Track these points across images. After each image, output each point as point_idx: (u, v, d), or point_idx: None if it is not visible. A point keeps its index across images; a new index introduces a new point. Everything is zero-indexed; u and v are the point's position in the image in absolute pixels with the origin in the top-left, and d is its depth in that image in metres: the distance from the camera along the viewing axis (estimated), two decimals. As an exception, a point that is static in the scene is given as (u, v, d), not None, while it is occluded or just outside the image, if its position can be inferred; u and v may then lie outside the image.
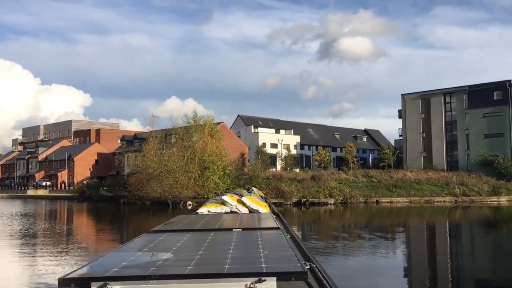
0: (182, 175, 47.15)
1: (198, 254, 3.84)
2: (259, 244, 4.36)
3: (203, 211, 8.97)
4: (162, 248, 4.32)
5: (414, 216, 40.03)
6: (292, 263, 3.33)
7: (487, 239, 24.99)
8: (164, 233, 5.39)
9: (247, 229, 5.62)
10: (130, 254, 3.92)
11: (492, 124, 63.70)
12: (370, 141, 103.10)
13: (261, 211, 8.99)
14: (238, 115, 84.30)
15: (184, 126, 52.77)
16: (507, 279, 14.18)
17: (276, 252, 3.92)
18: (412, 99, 72.38)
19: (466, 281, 14.58)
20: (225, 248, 4.14)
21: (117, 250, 4.30)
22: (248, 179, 48.83)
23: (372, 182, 53.08)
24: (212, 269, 3.28)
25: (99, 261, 3.67)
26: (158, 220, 39.43)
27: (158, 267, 3.32)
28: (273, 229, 5.64)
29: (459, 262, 17.78)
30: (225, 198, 9.50)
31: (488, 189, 51.54)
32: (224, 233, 5.30)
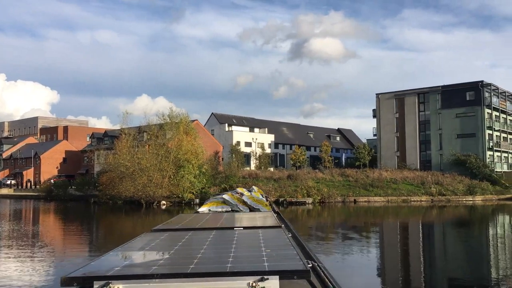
0: (156, 174, 45.59)
1: (200, 253, 3.83)
2: (261, 242, 4.35)
3: (204, 210, 8.90)
4: (164, 247, 4.32)
5: (391, 216, 39.78)
6: (294, 262, 3.32)
7: (462, 238, 25.16)
8: (165, 232, 5.36)
9: (249, 228, 5.59)
10: (132, 253, 3.95)
11: (465, 124, 64.48)
12: (343, 140, 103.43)
13: (262, 209, 8.93)
14: (212, 113, 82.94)
15: (159, 124, 51.12)
16: (478, 278, 14.41)
17: (278, 250, 3.89)
18: (386, 99, 72.70)
19: (438, 279, 14.58)
20: (227, 247, 4.14)
21: (119, 249, 4.23)
22: (225, 178, 47.71)
23: (349, 181, 52.77)
24: (214, 268, 3.25)
25: (101, 260, 3.67)
26: (131, 221, 38.18)
27: (160, 266, 3.33)
28: (274, 227, 5.60)
29: (432, 261, 17.87)
30: (226, 197, 9.50)
31: (463, 189, 51.97)
32: (226, 232, 5.27)
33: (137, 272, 3.16)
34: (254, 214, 8.01)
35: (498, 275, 14.91)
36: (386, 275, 15.22)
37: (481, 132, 63.41)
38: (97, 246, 22.87)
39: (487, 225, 32.61)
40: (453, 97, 65.78)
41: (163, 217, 39.87)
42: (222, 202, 9.44)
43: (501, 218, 37.58)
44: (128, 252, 4.07)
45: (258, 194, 11.37)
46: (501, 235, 26.27)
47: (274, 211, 9.07)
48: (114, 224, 35.68)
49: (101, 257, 3.79)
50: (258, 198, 10.27)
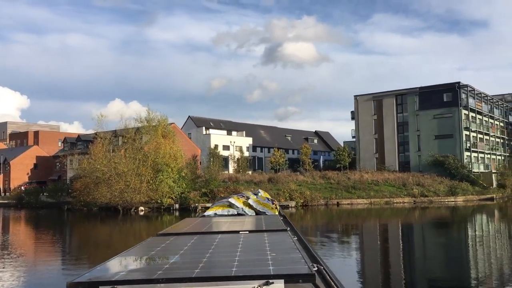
0: (133, 179, 43.92)
1: (205, 257, 3.82)
2: (266, 246, 4.32)
3: (209, 214, 8.87)
4: (169, 251, 4.29)
5: (376, 218, 39.34)
6: (299, 265, 3.32)
7: (446, 239, 25.34)
8: (171, 236, 5.32)
9: (254, 232, 5.57)
10: (138, 258, 3.96)
11: (442, 125, 64.87)
12: (320, 143, 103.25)
13: (268, 213, 8.82)
14: (189, 116, 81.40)
15: (136, 127, 49.38)
16: (458, 280, 14.59)
17: (283, 254, 3.88)
18: (364, 101, 72.69)
19: (421, 280, 14.81)
20: (232, 250, 4.12)
21: (124, 253, 4.19)
22: (205, 182, 46.37)
23: (331, 183, 52.18)
24: (219, 272, 3.25)
25: (107, 265, 3.64)
26: (107, 228, 36.53)
27: (165, 271, 3.30)
28: (280, 231, 5.55)
29: (414, 262, 18.03)
30: (231, 200, 9.29)
31: (444, 190, 52.00)
32: (231, 236, 5.25)
33: (143, 276, 3.17)
34: (260, 217, 7.84)
35: (478, 275, 15.22)
36: (365, 277, 15.26)
37: (458, 133, 63.89)
38: (71, 257, 21.47)
39: (469, 226, 32.70)
40: (430, 99, 66.17)
41: (141, 224, 38.44)
42: (228, 205, 9.19)
43: (483, 218, 37.67)
44: (133, 256, 4.06)
45: (264, 197, 10.95)
46: (483, 235, 26.56)
47: (280, 215, 8.91)
48: (90, 232, 34.04)
49: (106, 262, 3.74)
50: (264, 201, 9.91)
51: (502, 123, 78.33)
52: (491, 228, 30.69)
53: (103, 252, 22.98)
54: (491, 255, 19.16)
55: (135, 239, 29.81)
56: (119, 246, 25.55)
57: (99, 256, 21.47)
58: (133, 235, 31.83)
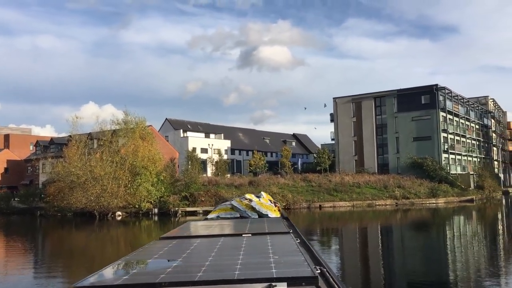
0: (110, 183, 42.38)
1: (208, 260, 3.79)
2: (269, 249, 4.32)
3: (212, 217, 8.85)
4: (172, 255, 4.26)
5: (359, 221, 38.94)
6: (302, 268, 3.31)
7: (428, 240, 25.63)
8: (174, 240, 5.34)
9: (257, 234, 5.57)
10: (140, 262, 3.94)
11: (421, 127, 65.19)
12: (298, 145, 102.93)
13: (271, 215, 8.82)
14: (166, 119, 79.85)
15: (113, 129, 47.76)
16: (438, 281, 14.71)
17: (286, 257, 3.84)
18: (344, 103, 72.61)
19: (402, 281, 15.00)
20: (235, 253, 4.11)
21: (127, 257, 4.17)
22: (185, 185, 45.14)
23: (312, 186, 51.63)
24: (222, 275, 3.21)
25: (110, 269, 3.64)
26: (83, 234, 35.00)
27: (168, 274, 3.29)
28: (283, 233, 5.56)
29: (395, 264, 18.20)
30: (234, 203, 9.33)
31: (425, 191, 52.06)
32: (234, 239, 5.25)
33: (146, 280, 3.15)
34: (262, 220, 7.87)
35: (456, 275, 15.62)
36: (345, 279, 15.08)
37: (436, 135, 64.30)
38: (44, 266, 20.19)
39: (455, 227, 32.84)
40: (408, 101, 66.46)
41: (119, 230, 37.03)
42: (230, 208, 9.26)
43: (466, 219, 37.79)
44: (136, 260, 4.05)
45: (267, 200, 10.74)
46: (469, 235, 27.08)
47: (283, 217, 8.88)
48: (64, 239, 32.50)
49: (109, 266, 3.76)
50: (266, 204, 9.88)
51: (477, 126, 79.42)
52: (475, 229, 31.05)
53: (78, 260, 21.83)
54: (474, 255, 19.68)
55: (113, 245, 28.54)
56: (95, 254, 24.33)
57: (74, 265, 20.32)
58: (110, 242, 30.53)
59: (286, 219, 8.47)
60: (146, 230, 37.51)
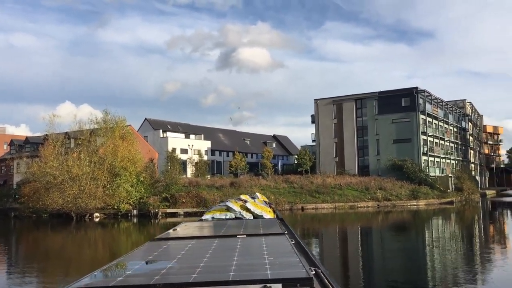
0: (89, 183, 41.22)
1: (203, 262, 3.78)
2: (264, 250, 4.32)
3: (207, 218, 8.85)
4: (166, 256, 4.28)
5: (339, 222, 38.80)
6: (297, 269, 3.31)
7: (408, 242, 25.77)
8: (168, 241, 5.30)
9: (252, 235, 5.55)
10: (135, 263, 3.91)
11: (401, 130, 65.58)
12: (279, 147, 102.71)
13: (266, 216, 8.81)
14: (145, 119, 78.57)
15: (91, 129, 46.50)
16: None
17: (281, 258, 3.85)
18: (325, 105, 72.60)
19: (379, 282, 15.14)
20: (229, 255, 4.11)
21: (121, 259, 4.15)
22: (165, 186, 44.25)
23: (294, 188, 51.30)
24: (217, 276, 3.21)
25: (104, 270, 3.62)
26: (59, 236, 33.87)
27: (162, 276, 3.26)
28: (277, 234, 5.55)
29: (375, 266, 18.34)
30: (229, 204, 9.31)
31: (406, 193, 52.25)
32: (229, 240, 5.23)
33: (140, 282, 3.12)
34: (257, 221, 7.84)
35: (434, 276, 15.98)
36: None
37: (416, 137, 64.76)
38: (17, 269, 19.27)
39: (432, 228, 33.06)
40: (389, 103, 66.80)
41: (96, 232, 35.99)
42: (225, 209, 9.16)
43: (445, 221, 37.99)
44: (130, 261, 4.00)
45: (262, 201, 10.67)
46: (451, 237, 27.43)
47: (278, 218, 8.86)
48: (40, 241, 31.38)
49: (103, 268, 3.70)
50: (261, 205, 9.77)
51: (455, 128, 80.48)
52: (457, 230, 31.29)
53: (54, 263, 20.99)
54: (452, 256, 20.06)
55: (90, 248, 27.60)
56: (72, 257, 23.47)
57: (49, 268, 19.56)
58: (88, 244, 29.57)
59: (281, 220, 8.41)
60: (125, 232, 36.59)
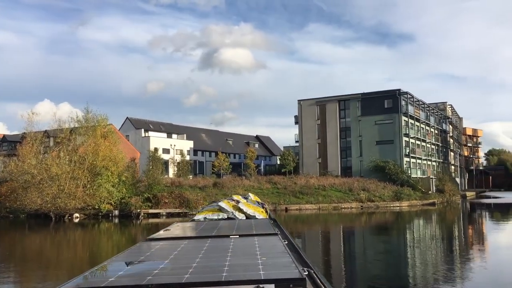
0: (68, 183, 40.20)
1: (196, 262, 3.77)
2: (256, 250, 4.32)
3: (199, 218, 8.83)
4: (159, 256, 4.22)
5: (323, 223, 38.68)
6: (290, 270, 3.30)
7: (389, 243, 25.97)
8: (160, 241, 5.29)
9: (244, 236, 5.53)
10: (127, 263, 3.86)
11: (384, 131, 65.87)
12: (261, 147, 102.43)
13: (258, 217, 8.79)
14: (127, 117, 77.43)
15: (71, 127, 45.38)
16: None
17: (273, 258, 3.84)
18: (308, 105, 72.55)
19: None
20: (222, 255, 4.09)
21: (113, 259, 4.14)
22: (147, 186, 43.45)
23: (278, 188, 50.99)
24: (209, 277, 3.19)
25: (95, 270, 3.59)
26: (37, 237, 32.83)
27: (155, 276, 3.25)
28: (270, 235, 5.52)
29: (356, 266, 18.49)
30: (221, 204, 9.27)
31: (389, 195, 52.40)
32: (221, 240, 5.21)
33: (132, 282, 3.09)
34: (250, 221, 7.80)
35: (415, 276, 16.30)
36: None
37: (398, 139, 65.12)
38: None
39: (416, 229, 33.31)
40: (372, 105, 67.06)
41: (76, 233, 35.07)
42: (218, 209, 9.13)
43: (428, 223, 38.23)
44: (122, 262, 3.94)
45: (254, 201, 10.63)
46: (430, 238, 27.91)
47: (270, 218, 8.87)
48: (17, 242, 30.36)
49: (95, 268, 3.69)
50: (254, 205, 9.73)
51: (436, 131, 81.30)
52: (439, 232, 31.67)
53: (31, 265, 20.23)
54: (436, 256, 20.52)
55: (69, 249, 26.83)
56: (51, 258, 22.75)
57: (27, 270, 18.85)
58: (67, 245, 28.74)
59: (274, 221, 8.32)
60: (106, 232, 35.76)
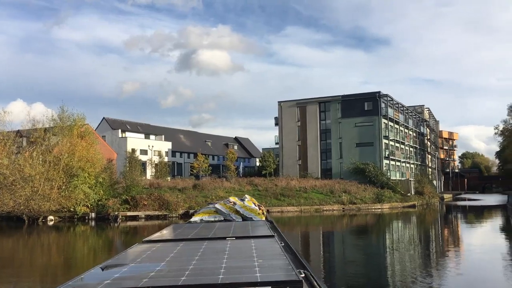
0: (42, 184, 38.67)
1: (192, 264, 3.75)
2: (253, 252, 4.29)
3: (196, 220, 8.76)
4: (155, 259, 4.21)
5: (304, 226, 38.25)
6: (286, 272, 3.29)
7: (373, 246, 25.99)
8: (157, 243, 5.27)
9: (241, 238, 5.51)
10: (123, 266, 3.85)
11: (363, 133, 65.97)
12: (240, 149, 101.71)
13: (255, 219, 8.76)
14: (103, 118, 75.70)
15: (46, 127, 43.74)
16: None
17: (270, 260, 3.84)
18: (288, 107, 72.19)
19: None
20: (219, 257, 4.08)
21: (109, 261, 4.05)
22: (126, 188, 42.21)
23: (259, 190, 50.29)
24: (206, 279, 3.19)
25: (91, 273, 3.56)
26: (9, 241, 31.41)
27: (151, 278, 3.23)
28: (267, 237, 5.49)
29: (337, 267, 18.57)
30: (218, 206, 9.28)
31: (370, 197, 52.30)
32: (218, 242, 5.20)
33: (128, 284, 3.06)
34: (246, 223, 7.78)
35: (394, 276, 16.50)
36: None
37: (378, 141, 65.30)
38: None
39: (396, 231, 33.49)
40: (352, 107, 67.14)
41: (50, 236, 33.69)
42: (214, 211, 9.12)
43: (410, 224, 38.33)
44: (118, 264, 3.88)
45: (251, 203, 10.43)
46: (413, 239, 28.23)
47: (267, 220, 8.79)
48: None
49: (90, 270, 3.63)
50: (250, 207, 9.67)
51: (414, 133, 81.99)
52: (422, 232, 32.03)
53: (2, 271, 19.07)
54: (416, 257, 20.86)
55: (43, 253, 25.67)
56: (24, 263, 21.67)
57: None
58: (41, 249, 27.49)
59: (270, 223, 8.24)
60: (82, 236, 34.46)
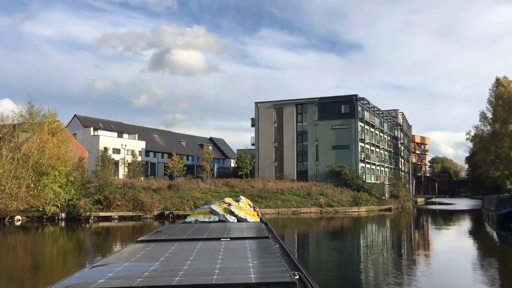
0: (9, 182, 36.90)
1: (186, 264, 3.72)
2: (247, 253, 4.27)
3: (191, 220, 8.75)
4: (149, 258, 4.17)
5: (281, 228, 37.55)
6: (281, 273, 3.28)
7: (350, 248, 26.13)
8: (151, 243, 5.24)
9: (236, 239, 5.48)
10: (117, 265, 3.83)
11: (340, 136, 65.93)
12: (215, 150, 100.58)
13: (250, 220, 8.73)
14: (75, 115, 73.51)
15: (15, 123, 41.86)
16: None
17: (265, 262, 3.81)
18: (265, 108, 71.63)
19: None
20: (213, 258, 4.05)
21: (103, 261, 4.04)
22: (98, 188, 40.75)
23: (235, 192, 49.37)
24: (200, 279, 3.15)
25: (85, 272, 3.54)
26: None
27: (145, 278, 3.21)
28: (261, 238, 5.47)
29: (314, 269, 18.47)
30: (213, 207, 9.21)
31: (347, 200, 52.15)
32: (213, 243, 5.15)
33: (122, 284, 3.04)
34: (241, 224, 7.78)
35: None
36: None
37: (354, 144, 65.35)
38: None
39: (384, 232, 33.67)
40: (329, 109, 67.01)
41: (17, 237, 32.15)
42: (209, 212, 9.11)
43: (387, 227, 38.29)
44: (112, 263, 3.87)
45: (246, 204, 10.34)
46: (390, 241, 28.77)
47: (262, 221, 8.81)
48: None
49: (84, 269, 3.61)
50: (245, 208, 9.69)
51: (389, 137, 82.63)
52: (399, 234, 32.14)
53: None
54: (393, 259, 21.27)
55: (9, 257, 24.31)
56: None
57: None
58: (7, 251, 26.11)
59: (265, 224, 8.15)
60: (51, 237, 33.00)
